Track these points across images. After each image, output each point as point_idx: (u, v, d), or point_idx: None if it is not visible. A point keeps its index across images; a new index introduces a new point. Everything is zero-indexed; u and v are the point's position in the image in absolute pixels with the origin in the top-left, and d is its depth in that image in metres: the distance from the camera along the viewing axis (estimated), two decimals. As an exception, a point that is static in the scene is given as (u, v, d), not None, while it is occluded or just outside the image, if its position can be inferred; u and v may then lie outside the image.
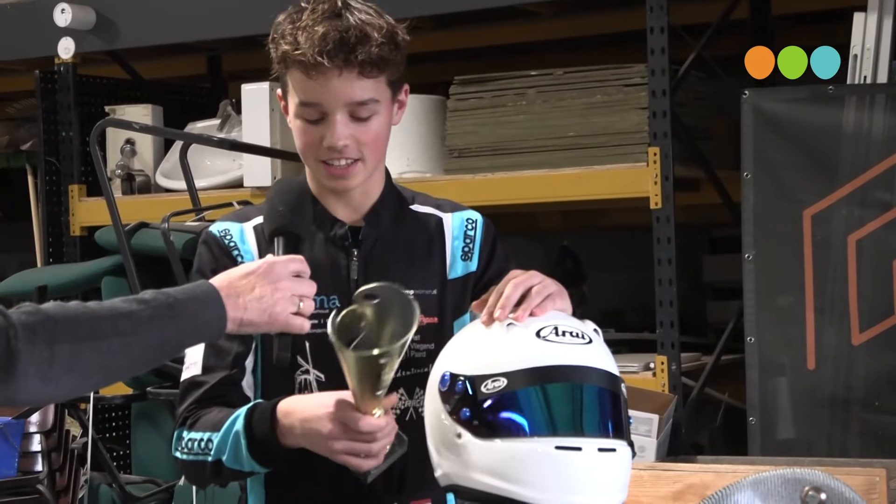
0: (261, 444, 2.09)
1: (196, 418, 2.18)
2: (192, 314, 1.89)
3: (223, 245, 2.24)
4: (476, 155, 4.47)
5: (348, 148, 2.17)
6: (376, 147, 2.21)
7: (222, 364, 2.19)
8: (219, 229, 2.26)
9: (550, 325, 2.03)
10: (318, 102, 2.16)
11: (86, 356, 1.79)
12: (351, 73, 2.14)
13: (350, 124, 2.17)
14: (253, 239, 2.24)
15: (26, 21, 5.07)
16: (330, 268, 2.22)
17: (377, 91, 2.18)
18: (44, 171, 5.08)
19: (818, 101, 3.83)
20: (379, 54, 2.14)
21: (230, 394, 2.19)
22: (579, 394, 2.00)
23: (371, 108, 2.17)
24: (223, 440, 2.12)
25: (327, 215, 2.25)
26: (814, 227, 3.80)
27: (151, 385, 4.29)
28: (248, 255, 2.22)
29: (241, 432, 2.10)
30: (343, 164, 2.19)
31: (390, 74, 2.19)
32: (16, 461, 3.81)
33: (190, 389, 2.21)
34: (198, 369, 2.20)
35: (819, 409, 3.79)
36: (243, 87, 4.74)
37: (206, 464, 2.14)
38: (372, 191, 2.28)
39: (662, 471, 3.52)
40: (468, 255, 2.29)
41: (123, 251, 4.27)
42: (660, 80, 4.05)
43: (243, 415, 2.11)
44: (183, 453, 2.18)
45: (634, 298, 5.39)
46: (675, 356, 4.04)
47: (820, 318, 3.78)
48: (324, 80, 2.14)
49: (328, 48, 2.12)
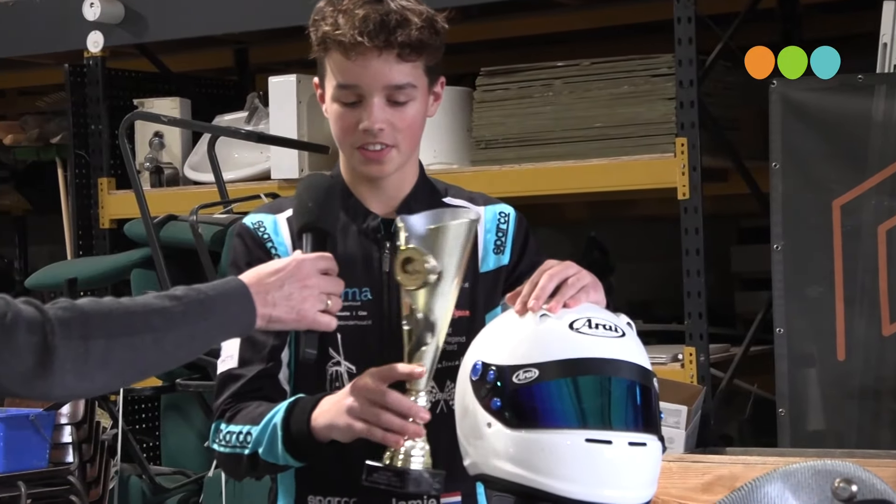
0: (295, 438, 2.09)
1: (235, 411, 2.17)
2: (223, 310, 1.90)
3: (256, 237, 2.23)
4: (503, 146, 4.46)
5: (384, 132, 2.16)
6: (411, 134, 2.19)
7: (258, 357, 2.19)
8: (252, 221, 2.25)
9: (583, 317, 2.02)
10: (356, 84, 2.16)
11: (120, 352, 1.80)
12: (390, 56, 2.13)
13: (387, 108, 2.16)
14: (286, 231, 2.23)
15: (56, 15, 5.09)
16: (362, 260, 2.21)
17: (415, 76, 2.17)
18: (73, 164, 5.09)
19: (847, 90, 3.80)
20: (419, 38, 2.14)
21: (267, 387, 2.19)
22: (610, 387, 1.98)
23: (408, 92, 2.16)
24: (261, 433, 2.12)
25: (360, 207, 2.24)
26: (843, 217, 3.78)
27: (181, 377, 4.30)
28: (281, 247, 2.22)
29: (279, 425, 2.10)
30: (378, 149, 2.18)
31: (428, 61, 2.18)
32: (47, 452, 3.82)
33: (227, 382, 2.20)
34: (234, 362, 2.20)
35: (849, 400, 3.77)
36: (270, 79, 4.74)
37: (243, 456, 2.14)
38: (405, 183, 2.26)
39: (691, 462, 3.51)
40: (500, 249, 2.27)
41: (152, 244, 4.28)
42: (687, 70, 4.03)
43: (283, 408, 2.11)
44: (221, 445, 2.18)
45: (662, 289, 5.37)
46: (704, 347, 4.02)
47: (850, 309, 3.76)
48: (363, 61, 2.13)
49: (368, 29, 2.12)
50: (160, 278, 4.26)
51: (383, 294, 2.20)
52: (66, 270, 4.59)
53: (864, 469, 2.14)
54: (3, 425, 3.76)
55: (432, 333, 2.04)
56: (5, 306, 1.75)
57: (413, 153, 2.24)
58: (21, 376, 1.75)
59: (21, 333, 1.74)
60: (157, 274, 4.28)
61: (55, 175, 5.62)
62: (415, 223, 2.04)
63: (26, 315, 1.76)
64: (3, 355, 1.73)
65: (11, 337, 1.73)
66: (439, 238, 2.02)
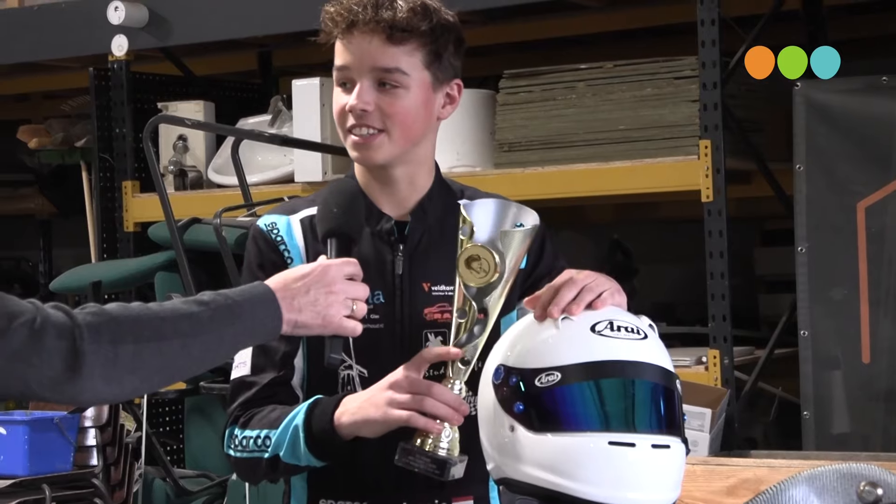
0: (318, 437, 2.09)
1: (249, 417, 2.18)
2: (250, 316, 1.90)
3: (269, 239, 2.23)
4: (526, 149, 4.45)
5: (370, 115, 2.17)
6: (403, 123, 2.18)
7: (271, 364, 2.19)
8: (265, 223, 2.25)
9: (605, 319, 2.01)
10: (347, 66, 2.18)
11: (148, 357, 1.81)
12: (379, 38, 2.15)
13: (374, 91, 2.17)
14: (300, 232, 2.23)
15: (80, 19, 5.11)
16: (375, 263, 2.21)
17: (407, 64, 2.16)
18: (98, 168, 5.11)
19: (871, 91, 3.79)
20: (405, 19, 2.14)
21: (280, 393, 2.19)
22: (633, 389, 1.98)
23: (397, 78, 2.16)
24: (282, 435, 2.12)
25: (374, 210, 2.24)
26: (868, 219, 3.76)
27: (204, 380, 4.30)
28: (294, 249, 2.22)
29: (301, 426, 2.10)
30: (365, 133, 2.18)
31: (425, 52, 2.17)
32: (71, 455, 3.83)
33: (240, 389, 2.21)
34: (247, 369, 2.20)
35: (874, 403, 3.76)
36: (294, 82, 4.75)
37: (261, 460, 2.14)
38: (419, 185, 2.26)
39: (716, 465, 3.50)
40: None
41: (176, 247, 4.29)
42: (711, 73, 4.02)
43: (304, 410, 2.12)
44: (237, 451, 2.18)
45: (686, 292, 5.36)
46: (728, 350, 4.01)
47: (875, 311, 3.74)
48: (356, 42, 2.16)
49: (358, 9, 2.16)
50: (184, 281, 4.26)
51: (395, 297, 2.19)
52: (90, 273, 4.60)
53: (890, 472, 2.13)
54: (27, 428, 3.77)
55: (483, 326, 2.05)
56: (34, 311, 1.76)
57: (410, 145, 2.21)
58: (50, 381, 1.76)
59: (50, 338, 1.75)
60: (182, 277, 4.29)
61: (80, 178, 5.64)
62: (481, 219, 2.05)
63: (55, 320, 1.77)
64: (33, 360, 1.74)
65: (41, 341, 1.74)
66: (507, 240, 2.04)
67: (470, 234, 2.04)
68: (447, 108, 2.25)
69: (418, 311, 2.18)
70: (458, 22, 2.23)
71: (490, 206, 2.08)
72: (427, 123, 2.22)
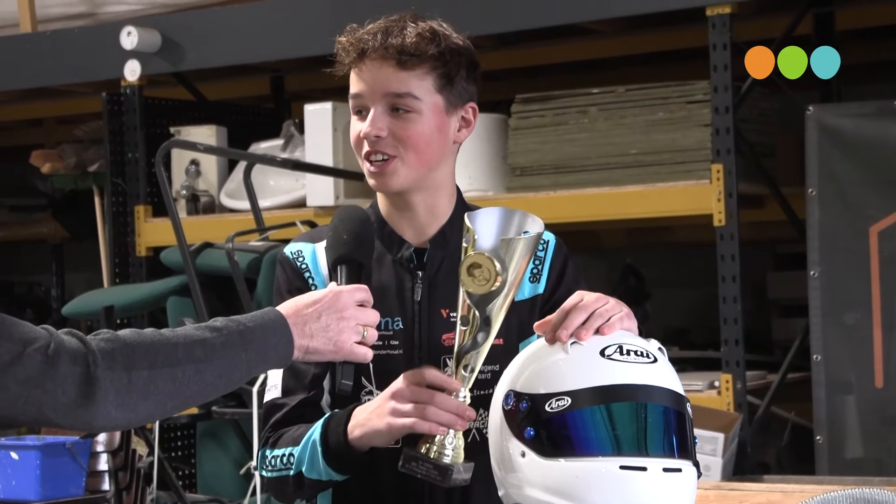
0: (334, 450, 2.12)
1: (278, 437, 2.22)
2: (262, 341, 1.92)
3: (295, 267, 2.26)
4: (538, 173, 4.46)
5: (383, 141, 2.18)
6: (416, 147, 2.19)
7: (301, 386, 2.23)
8: (292, 251, 2.28)
9: (615, 343, 2.02)
10: (361, 94, 2.20)
11: (162, 383, 1.83)
12: (390, 65, 2.17)
13: (387, 117, 2.19)
14: (324, 260, 2.25)
15: (93, 44, 5.13)
16: (395, 289, 2.22)
17: (418, 89, 2.18)
18: (110, 192, 5.12)
19: (884, 116, 3.80)
20: (414, 43, 2.16)
21: (309, 414, 2.22)
22: (644, 413, 1.98)
23: (409, 102, 2.18)
24: (302, 452, 2.16)
25: (395, 237, 2.26)
26: (881, 244, 3.76)
27: (216, 405, 4.31)
28: (318, 276, 2.24)
29: (318, 441, 2.13)
30: (380, 160, 2.20)
31: (437, 77, 2.19)
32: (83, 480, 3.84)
33: (272, 411, 2.25)
34: (278, 392, 2.24)
35: (888, 428, 3.75)
36: (306, 107, 4.77)
37: (289, 478, 2.18)
38: (440, 211, 2.27)
39: (728, 490, 3.49)
40: (537, 277, 2.27)
41: (188, 271, 4.30)
42: (723, 97, 4.03)
43: (320, 425, 2.15)
44: (268, 471, 2.22)
45: (699, 316, 5.36)
46: (741, 374, 4.00)
47: (888, 336, 3.74)
48: (367, 70, 2.18)
49: (369, 37, 2.18)
50: (196, 306, 4.27)
51: (414, 323, 2.21)
52: (102, 298, 4.61)
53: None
54: (40, 453, 3.78)
55: (486, 334, 2.06)
56: (48, 337, 1.77)
57: (426, 170, 2.22)
58: (64, 406, 1.77)
59: (64, 364, 1.76)
60: (194, 301, 4.30)
61: (92, 203, 5.66)
62: (483, 226, 2.06)
63: (69, 346, 1.78)
64: (47, 386, 1.75)
65: (55, 367, 1.76)
66: (509, 248, 2.04)
67: (472, 243, 2.05)
68: (463, 132, 2.26)
69: (436, 337, 2.19)
70: (470, 46, 2.24)
71: (494, 214, 2.08)
72: (442, 147, 2.23)
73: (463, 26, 2.29)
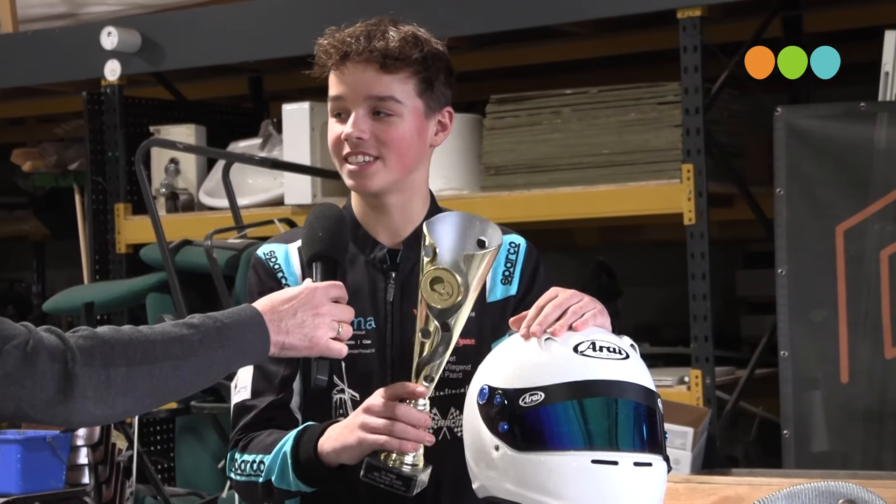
0: (304, 465, 2.11)
1: (248, 441, 2.21)
2: (239, 338, 1.92)
3: (268, 268, 2.26)
4: (513, 172, 4.46)
5: (365, 143, 2.18)
6: (398, 150, 2.19)
7: (270, 388, 2.22)
8: (264, 252, 2.28)
9: (588, 340, 2.02)
10: (342, 96, 2.20)
11: (140, 380, 1.83)
12: (373, 68, 2.17)
13: (369, 119, 2.19)
14: (297, 261, 2.25)
15: (74, 44, 5.11)
16: (368, 289, 2.23)
17: (400, 92, 2.18)
18: (91, 191, 5.11)
19: (850, 117, 3.81)
20: (397, 48, 2.16)
21: (279, 417, 2.22)
22: (616, 408, 1.99)
23: (391, 106, 2.18)
24: (273, 461, 2.15)
25: (369, 238, 2.26)
26: (846, 243, 3.78)
27: (195, 399, 4.30)
28: (291, 276, 2.24)
29: (289, 454, 2.13)
30: (361, 161, 2.19)
31: (418, 81, 2.19)
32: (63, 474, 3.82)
33: (241, 413, 2.24)
34: (247, 393, 2.23)
35: (853, 423, 3.76)
36: (284, 107, 4.76)
37: (258, 484, 2.17)
38: (413, 214, 2.27)
39: (697, 483, 3.50)
40: (508, 279, 2.27)
41: (168, 268, 4.29)
42: (693, 98, 4.04)
43: (292, 437, 2.14)
44: (237, 474, 2.21)
45: (669, 313, 5.37)
46: (710, 370, 4.02)
47: (853, 332, 3.75)
48: (348, 72, 2.18)
49: (351, 40, 2.18)
50: (175, 302, 4.26)
51: (386, 323, 2.21)
52: (83, 295, 4.60)
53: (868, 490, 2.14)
54: (20, 447, 3.76)
55: (446, 346, 2.06)
56: (27, 334, 1.77)
57: (405, 173, 2.23)
58: (43, 403, 1.76)
59: (43, 361, 1.76)
60: (173, 298, 4.29)
61: (73, 201, 5.64)
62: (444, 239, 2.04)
63: (48, 343, 1.77)
64: (26, 382, 1.75)
65: (33, 364, 1.75)
66: (472, 263, 2.04)
67: (433, 256, 2.04)
68: (439, 136, 2.27)
69: (408, 336, 2.18)
70: (446, 51, 2.25)
71: (452, 222, 2.07)
72: (421, 151, 2.24)
73: (439, 27, 2.30)
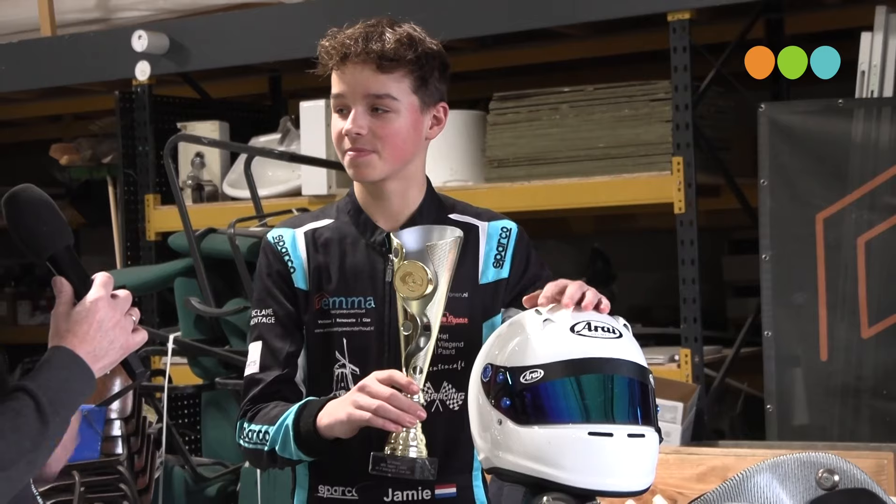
0: (304, 437, 2.13)
1: (255, 412, 2.22)
2: (68, 397, 1.79)
3: (276, 251, 2.27)
4: (514, 165, 4.45)
5: (363, 138, 2.19)
6: (394, 145, 2.19)
7: (276, 363, 2.23)
8: (273, 236, 2.29)
9: (584, 320, 2.02)
10: (343, 94, 2.20)
11: (3, 485, 1.72)
12: (370, 68, 2.17)
13: (367, 116, 2.19)
14: (303, 244, 2.26)
15: (107, 46, 5.11)
16: (368, 271, 2.23)
17: (396, 90, 2.18)
18: (123, 182, 5.11)
19: (829, 113, 3.80)
20: (393, 49, 2.16)
21: (284, 390, 2.23)
22: (611, 384, 1.99)
23: (388, 103, 2.18)
24: (276, 432, 2.16)
25: (369, 223, 2.26)
26: (826, 230, 3.77)
27: (219, 376, 4.30)
28: (297, 259, 2.25)
29: (290, 426, 2.14)
30: (360, 153, 2.19)
31: (414, 79, 2.18)
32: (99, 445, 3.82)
33: (250, 386, 2.25)
34: (256, 367, 2.24)
35: (831, 398, 3.76)
36: (301, 104, 4.75)
37: (263, 452, 2.19)
38: (410, 200, 2.27)
39: (687, 454, 3.49)
40: (500, 263, 2.27)
41: (194, 254, 4.29)
42: (682, 95, 4.03)
43: (294, 411, 2.15)
44: (245, 442, 2.23)
45: (660, 296, 5.36)
46: (698, 349, 4.01)
47: (832, 314, 3.74)
48: (349, 72, 2.19)
49: (351, 42, 2.18)
50: (201, 286, 4.27)
51: (385, 303, 2.21)
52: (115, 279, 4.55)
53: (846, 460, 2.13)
54: (58, 420, 3.76)
55: (427, 338, 2.08)
56: None
57: (401, 164, 2.22)
58: None
59: None
60: (198, 282, 4.29)
61: (106, 192, 5.64)
62: (408, 240, 2.09)
63: None
64: None
65: None
66: (433, 254, 2.07)
67: (401, 255, 2.08)
68: (434, 129, 2.27)
69: None
70: (442, 49, 2.24)
71: (417, 230, 2.12)
72: (416, 144, 2.24)
73: (445, 30, 2.28)
